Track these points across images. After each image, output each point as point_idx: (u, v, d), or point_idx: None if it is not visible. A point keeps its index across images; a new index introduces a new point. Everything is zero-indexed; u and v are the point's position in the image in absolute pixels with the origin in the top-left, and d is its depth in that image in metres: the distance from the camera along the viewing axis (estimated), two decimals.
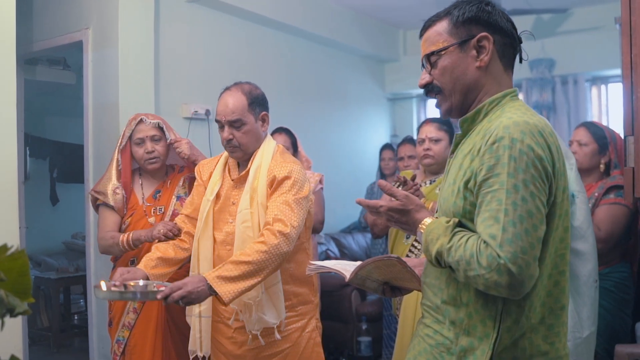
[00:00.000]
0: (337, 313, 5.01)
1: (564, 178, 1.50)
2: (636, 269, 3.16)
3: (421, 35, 1.69)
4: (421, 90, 7.49)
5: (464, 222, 1.51)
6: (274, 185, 2.44)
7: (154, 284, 2.26)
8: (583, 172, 3.11)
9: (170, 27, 4.72)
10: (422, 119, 7.96)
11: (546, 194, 1.43)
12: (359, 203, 1.68)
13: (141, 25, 4.30)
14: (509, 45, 1.61)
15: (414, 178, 3.02)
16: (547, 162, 1.43)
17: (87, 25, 4.29)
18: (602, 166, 3.20)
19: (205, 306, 2.54)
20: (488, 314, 1.48)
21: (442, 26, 1.62)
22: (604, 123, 6.70)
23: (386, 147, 5.58)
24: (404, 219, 1.62)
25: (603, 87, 6.73)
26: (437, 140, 3.07)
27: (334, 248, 6.06)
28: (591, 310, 2.56)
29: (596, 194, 3.14)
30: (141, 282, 2.30)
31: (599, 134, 3.23)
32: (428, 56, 1.63)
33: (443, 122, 3.13)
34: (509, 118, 1.46)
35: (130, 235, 2.86)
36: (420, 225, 1.58)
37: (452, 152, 1.68)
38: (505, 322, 1.46)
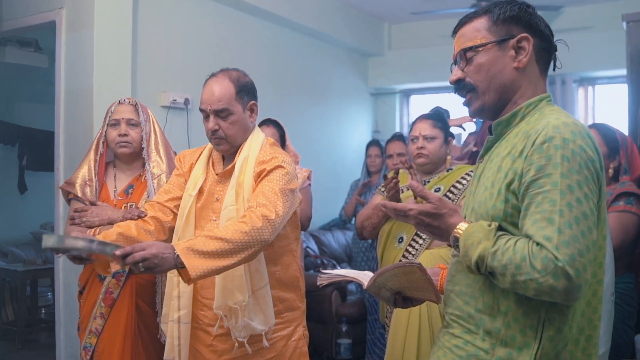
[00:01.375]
0: (316, 314, 4.85)
1: (605, 183, 1.47)
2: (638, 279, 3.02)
3: (455, 31, 1.65)
4: (404, 86, 7.43)
5: (504, 225, 1.46)
6: (264, 173, 2.24)
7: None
8: None
9: (150, 10, 4.54)
10: (405, 115, 7.86)
11: (597, 197, 1.40)
12: (384, 206, 1.59)
13: (119, 7, 4.12)
14: (546, 50, 1.59)
15: (397, 172, 2.85)
16: (597, 164, 1.40)
17: (61, 5, 4.11)
18: (610, 171, 3.04)
19: (185, 311, 2.34)
20: (529, 323, 1.43)
21: (482, 23, 1.58)
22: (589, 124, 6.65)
23: (373, 143, 5.40)
24: (436, 224, 1.53)
25: (590, 88, 6.69)
26: (431, 138, 2.90)
27: (313, 245, 5.92)
28: (608, 326, 2.40)
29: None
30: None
31: (610, 137, 3.06)
32: (464, 51, 1.59)
33: (437, 119, 2.96)
34: (557, 119, 1.42)
35: (97, 232, 2.66)
36: (455, 230, 1.50)
37: (482, 156, 1.64)
38: (548, 330, 1.42)
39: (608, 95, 6.80)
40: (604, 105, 6.76)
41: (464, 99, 1.63)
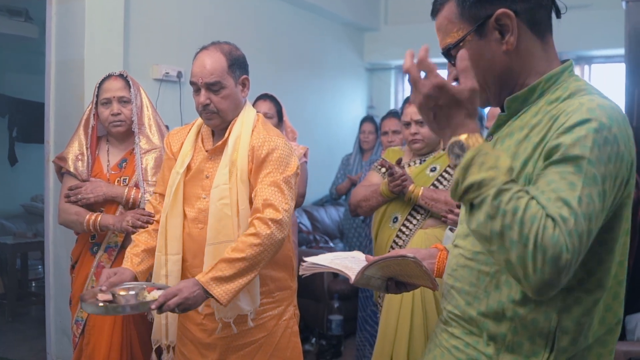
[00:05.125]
0: (308, 290, 4.84)
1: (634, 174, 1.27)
2: (632, 262, 3.01)
3: (433, 18, 1.42)
4: (400, 62, 7.34)
5: None
6: (259, 162, 2.22)
7: (144, 287, 2.10)
8: None
9: None
10: (400, 91, 7.80)
11: (615, 195, 1.20)
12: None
13: None
14: (537, 7, 1.33)
15: (399, 162, 2.82)
16: (627, 159, 1.21)
17: None
18: None
19: None
20: (538, 331, 1.27)
21: (451, 11, 1.36)
22: None
23: (367, 119, 5.34)
24: (448, 112, 1.21)
25: (587, 67, 6.65)
26: (424, 122, 2.85)
27: (306, 221, 5.90)
28: None
29: None
30: (131, 290, 2.10)
31: None
32: (445, 52, 1.38)
33: None
34: (591, 100, 1.23)
35: (98, 220, 2.66)
36: (466, 136, 1.19)
37: (491, 134, 1.41)
38: (561, 341, 1.26)
39: (605, 75, 6.76)
40: (601, 84, 6.72)
41: None
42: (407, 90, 7.74)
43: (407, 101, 2.96)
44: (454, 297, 1.42)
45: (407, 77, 1.23)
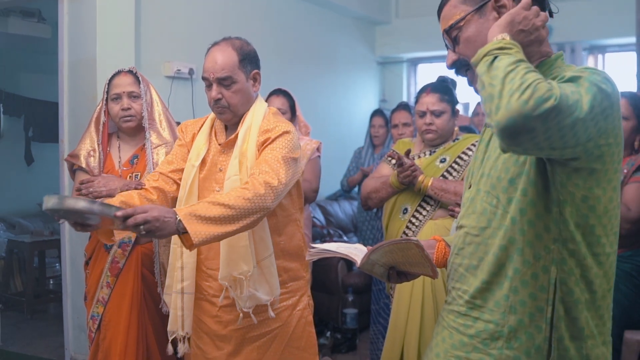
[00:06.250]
0: (322, 284, 4.87)
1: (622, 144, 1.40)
2: None
3: (439, 17, 1.59)
4: (412, 55, 7.29)
5: (525, 185, 1.39)
6: (269, 142, 2.22)
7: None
8: None
9: None
10: (413, 84, 7.78)
11: (602, 122, 1.29)
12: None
13: None
14: None
15: (408, 153, 2.82)
16: (617, 109, 1.33)
17: None
18: (637, 143, 2.98)
19: (188, 282, 2.34)
20: (539, 284, 1.39)
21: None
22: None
23: (377, 113, 5.32)
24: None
25: (600, 56, 6.60)
26: (439, 113, 2.82)
27: (319, 216, 5.91)
28: None
29: (625, 171, 2.91)
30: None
31: None
32: (448, 32, 1.54)
33: (444, 92, 2.86)
34: (584, 66, 1.37)
35: None
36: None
37: None
38: (560, 292, 1.38)
39: (618, 64, 6.71)
40: (614, 73, 6.67)
41: (467, 78, 1.57)
42: (419, 82, 7.73)
43: (422, 90, 2.92)
44: (462, 274, 1.52)
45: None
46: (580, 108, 1.22)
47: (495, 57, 1.28)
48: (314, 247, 1.69)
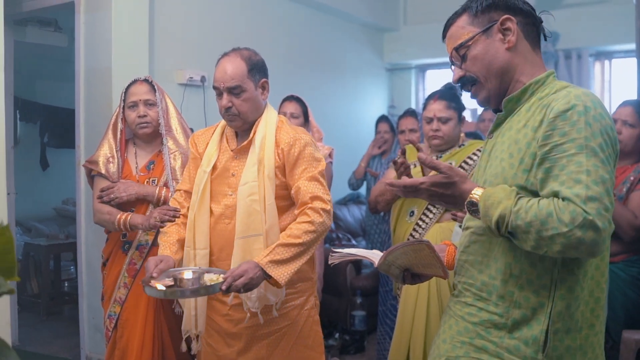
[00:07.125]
0: (331, 286, 4.92)
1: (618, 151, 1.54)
2: None
3: (444, 36, 1.73)
4: (420, 61, 7.34)
5: (525, 193, 1.50)
6: (292, 159, 2.38)
7: (202, 272, 2.23)
8: (620, 154, 2.95)
9: None
10: (421, 90, 7.84)
11: (613, 162, 1.46)
12: (392, 185, 1.63)
13: None
14: (531, 24, 1.65)
15: (404, 152, 2.90)
16: (613, 132, 1.48)
17: None
18: None
19: None
20: (542, 283, 1.51)
21: (463, 20, 1.67)
22: (607, 100, 6.60)
23: (382, 119, 5.37)
24: (449, 192, 1.56)
25: (607, 62, 6.63)
26: (446, 120, 2.91)
27: None
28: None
29: (632, 178, 2.97)
30: (188, 274, 2.20)
31: None
32: (457, 50, 1.67)
33: (451, 99, 2.95)
34: (576, 88, 1.51)
35: (128, 219, 2.77)
36: (471, 195, 1.53)
37: (492, 132, 1.69)
38: (560, 290, 1.50)
39: (625, 70, 6.74)
40: (621, 79, 6.71)
41: (470, 93, 1.71)
42: (427, 88, 7.80)
43: (430, 97, 3.00)
44: (468, 269, 1.66)
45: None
46: (606, 179, 1.39)
47: (512, 235, 1.45)
48: (336, 252, 1.85)
